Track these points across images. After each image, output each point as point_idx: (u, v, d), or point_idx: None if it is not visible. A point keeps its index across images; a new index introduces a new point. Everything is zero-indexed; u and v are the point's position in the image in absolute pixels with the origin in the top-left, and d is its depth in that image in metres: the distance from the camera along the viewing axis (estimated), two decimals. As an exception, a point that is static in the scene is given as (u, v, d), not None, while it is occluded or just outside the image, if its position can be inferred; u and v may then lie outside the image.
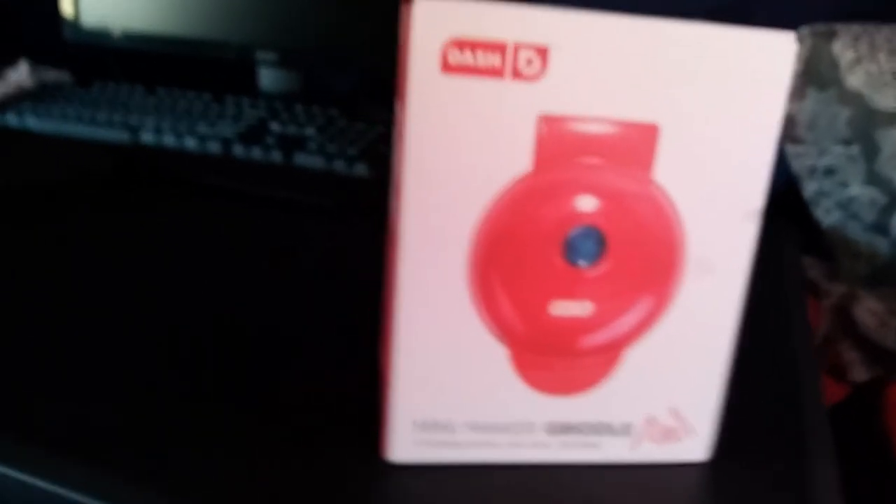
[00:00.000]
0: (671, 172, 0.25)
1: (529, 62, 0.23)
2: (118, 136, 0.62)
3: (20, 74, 0.75)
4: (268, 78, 0.76)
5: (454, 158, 0.24)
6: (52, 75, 0.78)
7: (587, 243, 0.26)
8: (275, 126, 0.63)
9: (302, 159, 0.58)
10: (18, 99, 0.68)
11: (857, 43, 0.68)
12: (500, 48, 0.23)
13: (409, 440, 0.28)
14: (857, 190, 0.70)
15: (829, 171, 0.71)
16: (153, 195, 0.54)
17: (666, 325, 0.28)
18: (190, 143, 0.60)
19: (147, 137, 0.61)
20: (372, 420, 0.31)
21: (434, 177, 0.24)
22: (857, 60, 0.67)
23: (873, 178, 0.69)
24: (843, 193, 0.71)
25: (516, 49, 0.23)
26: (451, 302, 0.26)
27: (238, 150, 0.59)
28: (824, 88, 0.69)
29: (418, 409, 0.28)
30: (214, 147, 0.59)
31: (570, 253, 0.26)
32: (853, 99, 0.67)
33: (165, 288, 0.40)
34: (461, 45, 0.22)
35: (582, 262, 0.26)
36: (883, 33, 0.66)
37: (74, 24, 0.76)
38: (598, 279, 0.26)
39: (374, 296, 0.42)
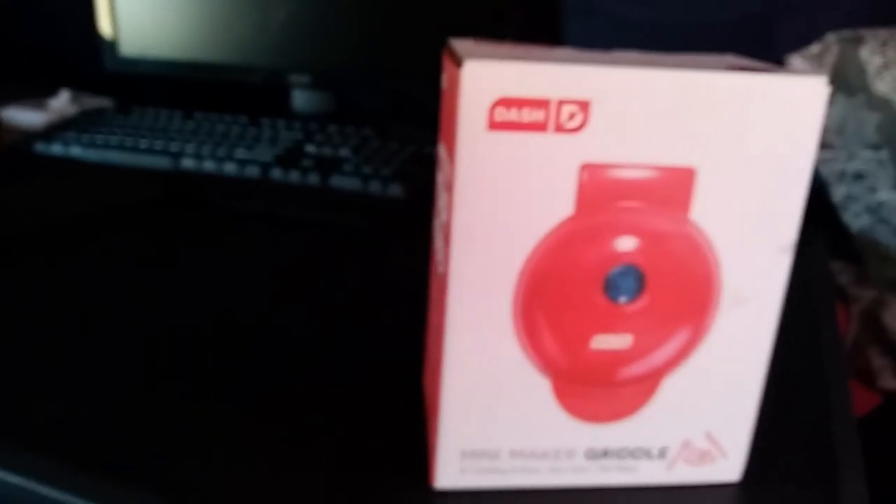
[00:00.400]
0: (707, 212, 0.26)
1: (572, 116, 0.24)
2: (160, 162, 0.64)
3: (62, 103, 0.78)
4: (301, 99, 0.78)
5: (500, 206, 0.25)
6: (93, 102, 0.81)
7: (627, 280, 0.27)
8: (310, 148, 0.65)
9: (339, 181, 0.60)
10: (62, 127, 0.71)
11: (885, 48, 0.68)
12: (543, 104, 0.24)
13: (455, 468, 0.30)
14: (887, 195, 0.70)
15: (858, 176, 0.71)
16: (195, 221, 0.56)
17: (702, 355, 0.29)
18: (229, 168, 0.62)
19: (188, 163, 0.63)
20: (416, 445, 0.32)
21: (482, 224, 0.25)
22: (885, 66, 0.68)
23: (903, 183, 0.69)
24: (873, 198, 0.71)
25: (559, 105, 0.24)
26: (497, 338, 0.27)
27: (276, 173, 0.61)
28: (852, 94, 0.69)
29: (465, 439, 0.29)
30: (253, 171, 0.61)
31: (610, 290, 0.27)
32: (881, 104, 0.67)
33: (205, 310, 0.42)
34: (507, 103, 0.24)
35: (622, 299, 0.27)
36: (910, 38, 0.66)
37: (113, 53, 0.78)
38: (638, 314, 0.28)
39: (414, 315, 0.44)
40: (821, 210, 0.73)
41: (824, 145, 0.71)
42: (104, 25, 0.77)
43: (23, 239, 0.51)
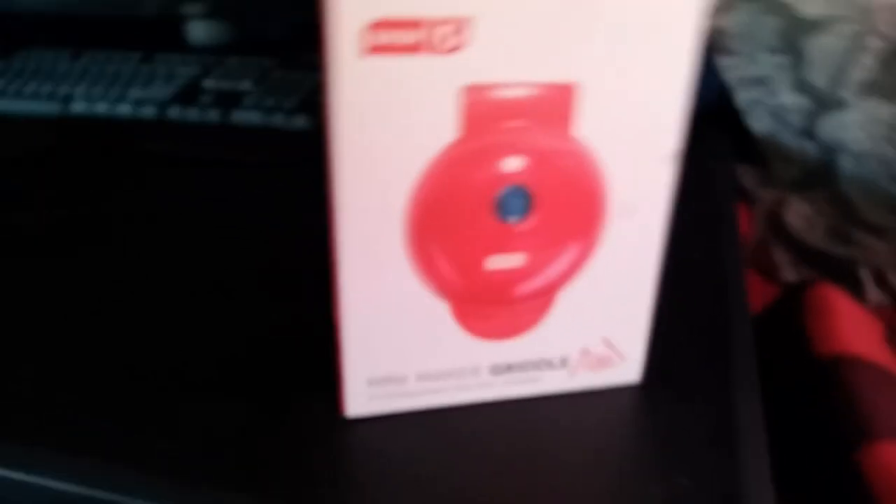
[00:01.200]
0: (591, 127, 0.27)
1: (447, 37, 0.24)
2: (49, 108, 0.60)
3: (-64, 47, 0.72)
4: (197, 31, 0.74)
5: (382, 133, 0.25)
6: (-30, 45, 0.75)
7: (516, 201, 0.27)
8: (209, 83, 0.62)
9: (240, 116, 0.58)
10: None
11: (781, -48, 0.68)
12: (417, 25, 0.23)
13: (364, 396, 0.30)
14: (787, 97, 0.72)
15: (760, 81, 0.73)
16: (90, 167, 0.53)
17: (595, 267, 0.30)
18: (124, 109, 0.59)
19: (78, 107, 0.60)
20: (330, 377, 0.33)
21: (364, 152, 0.25)
22: (782, -30, 0.68)
23: (801, 86, 0.71)
24: (774, 101, 0.73)
25: (434, 25, 0.23)
26: (391, 266, 0.28)
27: (174, 112, 0.59)
28: (752, -1, 0.70)
29: (370, 367, 0.29)
30: (150, 111, 0.59)
31: (500, 211, 0.27)
32: (780, 9, 0.69)
33: (111, 256, 0.41)
34: (379, 26, 0.23)
35: (512, 219, 0.28)
36: (804, -60, 0.67)
37: (-14, -11, 0.72)
38: (529, 232, 0.28)
39: (323, 249, 0.43)
40: (727, 115, 0.75)
41: (727, 51, 0.72)
42: (-28, -40, 0.71)
43: None
